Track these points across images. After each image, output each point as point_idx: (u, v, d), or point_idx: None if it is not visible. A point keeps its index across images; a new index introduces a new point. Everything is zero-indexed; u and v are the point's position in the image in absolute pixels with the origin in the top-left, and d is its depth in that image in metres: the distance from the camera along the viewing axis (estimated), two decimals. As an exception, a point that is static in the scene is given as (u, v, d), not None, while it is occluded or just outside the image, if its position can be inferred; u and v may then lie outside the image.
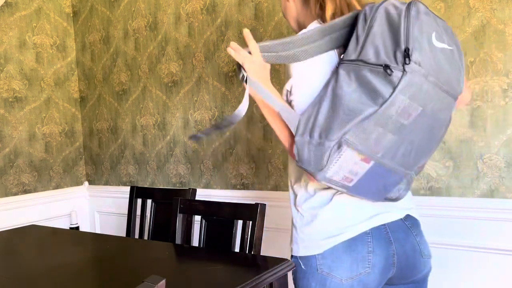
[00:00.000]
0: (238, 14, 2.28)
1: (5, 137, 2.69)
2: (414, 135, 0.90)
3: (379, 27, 0.89)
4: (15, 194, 2.73)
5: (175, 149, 2.61)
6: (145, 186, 2.78)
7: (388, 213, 1.08)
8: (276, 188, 2.21)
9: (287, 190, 2.17)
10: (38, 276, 1.38)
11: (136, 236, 2.25)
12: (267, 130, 2.22)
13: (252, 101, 2.28)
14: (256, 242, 1.56)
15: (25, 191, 2.78)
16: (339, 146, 0.89)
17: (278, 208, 2.15)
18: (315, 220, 1.08)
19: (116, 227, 2.94)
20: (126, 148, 2.88)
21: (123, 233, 2.75)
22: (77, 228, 2.94)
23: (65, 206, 2.98)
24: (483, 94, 1.64)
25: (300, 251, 1.10)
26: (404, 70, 0.83)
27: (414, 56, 0.83)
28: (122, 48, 2.83)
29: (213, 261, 1.41)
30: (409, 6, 0.87)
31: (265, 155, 2.23)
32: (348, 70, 0.91)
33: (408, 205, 1.12)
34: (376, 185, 0.96)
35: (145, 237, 2.25)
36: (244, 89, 1.07)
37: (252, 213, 1.60)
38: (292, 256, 1.15)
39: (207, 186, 2.48)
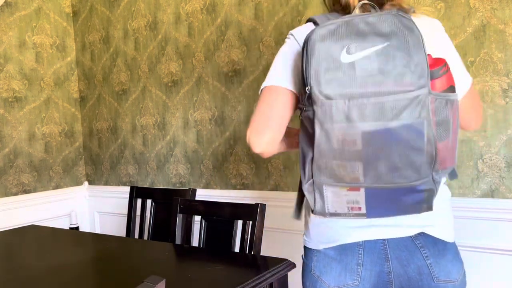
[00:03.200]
0: (238, 14, 2.28)
1: (5, 137, 2.69)
2: (383, 152, 0.84)
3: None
4: (15, 194, 2.73)
5: (175, 149, 2.61)
6: (145, 186, 2.78)
7: (391, 227, 1.00)
8: (276, 188, 2.21)
9: (287, 190, 2.17)
10: (38, 276, 1.37)
11: (136, 236, 2.25)
12: (267, 130, 2.22)
13: (252, 101, 2.26)
14: (256, 242, 1.56)
15: (25, 191, 2.78)
16: (318, 187, 0.92)
17: (278, 208, 2.15)
18: (317, 221, 1.08)
19: (116, 227, 2.94)
20: (126, 148, 2.88)
21: (123, 233, 2.75)
22: (77, 228, 2.94)
23: (65, 206, 2.98)
24: (484, 94, 1.64)
25: (304, 240, 1.12)
26: (313, 109, 0.86)
27: (314, 92, 0.84)
28: (122, 48, 2.83)
29: (213, 261, 1.41)
30: (307, 38, 0.87)
31: (265, 155, 2.23)
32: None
33: (426, 221, 1.00)
34: (394, 203, 0.90)
35: (145, 237, 2.25)
36: None
37: (252, 213, 1.59)
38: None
39: (207, 186, 2.48)
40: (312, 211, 0.95)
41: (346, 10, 1.00)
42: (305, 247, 1.11)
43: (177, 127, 2.59)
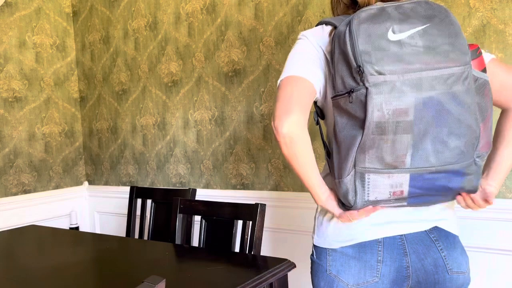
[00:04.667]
0: (238, 14, 2.28)
1: (5, 137, 2.69)
2: (433, 125, 0.86)
3: (337, 56, 0.92)
4: (15, 194, 2.73)
5: (175, 149, 2.61)
6: (145, 186, 2.78)
7: (408, 223, 1.03)
8: (276, 188, 2.21)
9: (287, 190, 2.17)
10: (38, 277, 1.37)
11: (136, 236, 2.25)
12: (267, 130, 2.22)
13: (252, 101, 2.26)
14: (256, 242, 1.56)
15: (25, 191, 2.78)
16: (360, 176, 0.91)
17: (278, 208, 2.15)
18: (331, 220, 1.07)
19: (116, 227, 2.94)
20: (126, 148, 2.88)
21: (123, 233, 2.75)
22: (77, 228, 2.94)
23: (65, 206, 2.98)
24: (483, 94, 1.64)
25: (315, 239, 1.10)
26: (365, 87, 0.85)
27: (367, 69, 0.85)
28: (122, 48, 2.83)
29: (213, 261, 1.41)
30: (349, 23, 0.88)
31: (265, 155, 2.23)
32: (335, 107, 0.96)
33: (438, 215, 1.05)
34: (437, 190, 0.92)
35: (145, 237, 2.25)
36: None
37: (252, 213, 1.59)
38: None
39: (207, 186, 2.48)
40: (351, 207, 0.94)
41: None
42: (316, 247, 1.09)
43: (177, 127, 2.59)
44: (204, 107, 2.45)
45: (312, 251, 1.11)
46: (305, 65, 0.99)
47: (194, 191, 2.03)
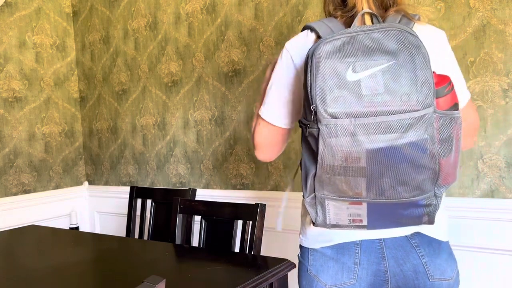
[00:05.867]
0: (238, 14, 2.28)
1: (5, 137, 2.69)
2: (387, 169, 0.85)
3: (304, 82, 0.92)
4: (15, 194, 2.73)
5: (175, 149, 2.61)
6: (145, 186, 2.78)
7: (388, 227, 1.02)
8: (276, 188, 2.21)
9: (287, 190, 2.17)
10: (38, 277, 1.37)
11: (136, 236, 2.25)
12: (267, 130, 2.22)
13: (252, 101, 2.25)
14: (256, 242, 1.56)
15: (25, 191, 2.78)
16: (320, 201, 0.93)
17: (278, 208, 2.15)
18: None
19: (116, 227, 2.94)
20: (126, 148, 2.88)
21: (123, 233, 2.75)
22: (77, 228, 2.94)
23: (65, 206, 2.98)
24: (483, 94, 1.64)
25: (300, 239, 1.12)
26: (317, 127, 0.86)
27: (320, 111, 0.84)
28: (122, 48, 2.83)
29: (213, 261, 1.41)
30: (310, 57, 0.85)
31: (265, 155, 2.23)
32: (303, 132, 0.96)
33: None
34: (395, 217, 0.92)
35: (145, 237, 2.25)
36: None
37: (252, 213, 1.59)
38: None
39: (207, 186, 2.48)
40: (313, 223, 0.96)
41: (350, 12, 0.98)
42: (301, 246, 1.11)
43: (177, 127, 2.59)
44: (204, 107, 2.45)
45: (299, 250, 1.13)
46: (283, 106, 1.06)
47: (194, 191, 2.03)
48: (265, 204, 1.61)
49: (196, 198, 2.02)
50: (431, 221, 0.92)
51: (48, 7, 2.93)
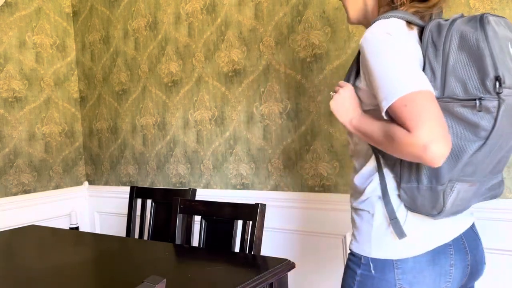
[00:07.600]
0: (238, 14, 2.28)
1: (5, 137, 2.69)
2: (504, 141, 0.86)
3: (458, 56, 0.83)
4: (15, 194, 2.73)
5: (175, 149, 2.61)
6: (145, 186, 2.78)
7: (462, 220, 1.01)
8: (276, 188, 2.21)
9: (287, 190, 2.17)
10: (38, 277, 1.37)
11: (136, 236, 2.25)
12: (267, 130, 2.22)
13: (252, 101, 2.25)
14: (256, 242, 1.56)
15: (25, 191, 2.78)
16: (452, 185, 0.87)
17: (278, 208, 2.15)
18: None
19: (116, 227, 2.94)
20: (126, 148, 2.88)
21: (123, 233, 2.75)
22: (77, 228, 2.94)
23: (65, 206, 2.98)
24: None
25: (373, 251, 0.97)
26: (499, 98, 0.79)
27: (508, 81, 0.80)
28: (122, 48, 2.83)
29: (213, 261, 1.41)
30: (483, 26, 0.81)
31: (265, 155, 2.23)
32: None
33: (471, 209, 1.05)
34: (474, 197, 0.96)
35: (145, 237, 2.25)
36: None
37: (252, 213, 1.59)
38: (353, 254, 1.01)
39: (207, 186, 2.48)
40: (437, 214, 0.90)
41: (429, 2, 0.94)
42: (376, 260, 0.97)
43: (177, 127, 2.59)
44: (204, 107, 2.45)
45: (365, 264, 0.98)
46: (423, 74, 0.87)
47: (194, 191, 2.03)
48: (265, 204, 1.61)
49: (196, 198, 2.02)
50: (501, 192, 1.01)
51: (48, 7, 2.93)
